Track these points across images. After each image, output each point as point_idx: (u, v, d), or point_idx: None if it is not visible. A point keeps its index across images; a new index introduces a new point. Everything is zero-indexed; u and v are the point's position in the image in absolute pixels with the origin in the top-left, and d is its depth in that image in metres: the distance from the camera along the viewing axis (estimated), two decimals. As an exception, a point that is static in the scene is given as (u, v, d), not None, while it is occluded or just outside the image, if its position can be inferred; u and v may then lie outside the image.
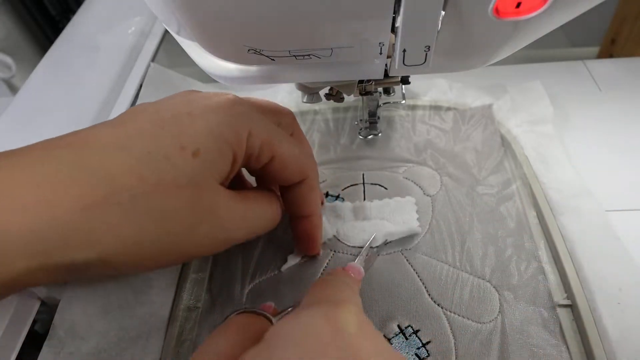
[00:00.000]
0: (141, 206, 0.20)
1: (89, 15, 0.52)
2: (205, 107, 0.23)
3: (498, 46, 0.21)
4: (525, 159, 0.36)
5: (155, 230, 0.21)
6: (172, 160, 0.21)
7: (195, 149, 0.22)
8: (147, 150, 0.21)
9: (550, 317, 0.27)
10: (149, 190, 0.20)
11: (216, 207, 0.23)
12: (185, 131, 0.22)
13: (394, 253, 0.31)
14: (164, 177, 0.21)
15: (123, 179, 0.20)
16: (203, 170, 0.22)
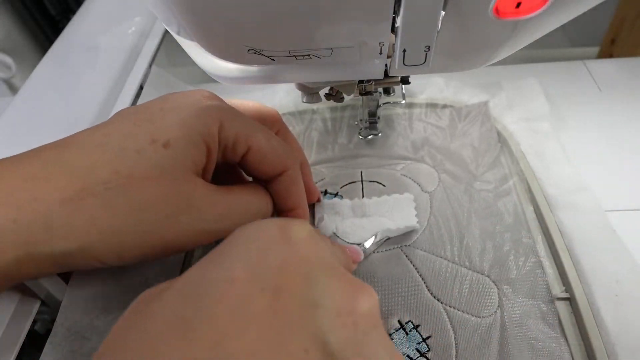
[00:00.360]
0: (116, 198, 0.22)
1: (89, 15, 0.52)
2: (178, 103, 0.25)
3: (498, 46, 0.21)
4: (522, 155, 0.36)
5: (132, 220, 0.22)
6: (144, 154, 0.22)
7: (166, 141, 0.23)
8: (121, 146, 0.22)
9: (549, 311, 0.27)
10: (123, 182, 0.22)
11: (192, 198, 0.23)
12: (157, 125, 0.23)
13: (393, 249, 0.31)
14: (136, 169, 0.22)
15: (98, 172, 0.22)
16: (174, 160, 0.23)
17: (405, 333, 0.27)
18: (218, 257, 0.19)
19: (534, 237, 0.31)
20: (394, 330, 0.27)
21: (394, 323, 0.27)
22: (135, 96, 0.42)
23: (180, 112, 0.24)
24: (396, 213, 0.32)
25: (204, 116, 0.24)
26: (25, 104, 0.42)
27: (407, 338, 0.27)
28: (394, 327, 0.27)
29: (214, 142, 0.24)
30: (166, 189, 0.23)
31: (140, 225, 0.22)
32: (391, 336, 0.27)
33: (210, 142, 0.24)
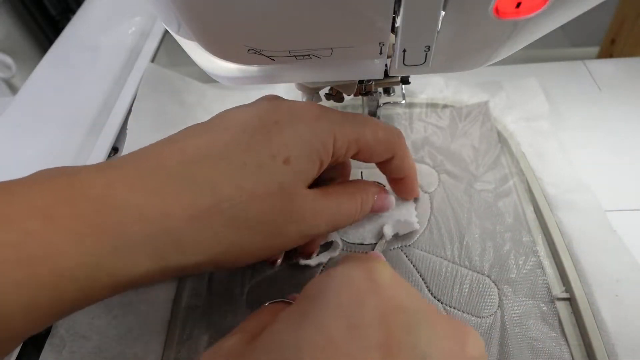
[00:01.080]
0: (239, 214, 0.22)
1: (89, 15, 0.52)
2: (292, 117, 0.25)
3: (498, 46, 0.21)
4: (522, 155, 0.36)
5: (251, 234, 0.23)
6: (265, 169, 0.23)
7: (286, 157, 0.23)
8: (243, 160, 0.23)
9: (549, 311, 0.27)
10: (246, 198, 0.22)
11: (302, 210, 0.24)
12: (275, 140, 0.23)
13: (394, 249, 0.31)
14: (258, 185, 0.23)
15: (224, 189, 0.22)
16: (293, 177, 0.24)
17: (405, 333, 0.27)
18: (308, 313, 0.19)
19: (534, 237, 0.31)
20: (394, 330, 0.27)
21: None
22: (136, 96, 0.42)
23: (296, 127, 0.24)
24: (396, 213, 0.32)
25: (320, 132, 0.25)
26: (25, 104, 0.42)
27: (407, 338, 0.27)
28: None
29: (327, 155, 0.25)
30: (282, 203, 0.23)
31: (256, 237, 0.23)
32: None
33: (324, 156, 0.25)
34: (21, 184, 0.20)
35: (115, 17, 0.51)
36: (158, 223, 0.21)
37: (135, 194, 0.21)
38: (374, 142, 0.27)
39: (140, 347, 0.27)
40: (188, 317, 0.29)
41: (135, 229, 0.20)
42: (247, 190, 0.22)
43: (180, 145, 0.23)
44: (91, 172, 0.21)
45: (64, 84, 0.44)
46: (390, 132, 0.28)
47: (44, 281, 0.18)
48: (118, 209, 0.20)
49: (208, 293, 0.30)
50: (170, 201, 0.21)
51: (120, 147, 0.37)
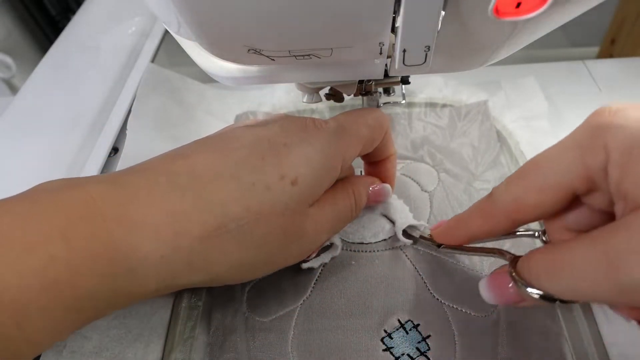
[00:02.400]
0: (246, 234, 0.23)
1: (89, 15, 0.52)
2: (301, 139, 0.25)
3: (498, 46, 0.21)
4: (521, 153, 0.36)
5: (256, 253, 0.23)
6: (273, 190, 0.23)
7: (294, 178, 0.24)
8: (252, 181, 0.23)
9: (549, 310, 0.28)
10: (252, 219, 0.23)
11: (305, 228, 0.25)
12: (284, 161, 0.24)
13: (393, 248, 0.31)
14: (265, 206, 0.23)
15: (233, 208, 0.22)
16: (299, 197, 0.24)
17: (405, 332, 0.27)
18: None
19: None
20: (393, 330, 0.27)
21: (393, 322, 0.27)
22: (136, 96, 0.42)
23: (306, 149, 0.25)
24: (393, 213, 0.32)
25: (329, 156, 0.25)
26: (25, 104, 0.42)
27: (407, 337, 0.27)
28: (394, 326, 0.27)
29: (335, 176, 0.26)
30: (286, 223, 0.24)
31: (260, 256, 0.24)
32: (391, 335, 0.27)
33: (333, 176, 0.26)
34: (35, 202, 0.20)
35: (115, 17, 0.51)
36: (171, 243, 0.21)
37: (149, 213, 0.21)
38: (370, 135, 0.28)
39: (141, 347, 0.27)
40: (188, 317, 0.29)
41: (150, 249, 0.21)
42: (254, 211, 0.23)
43: (191, 161, 0.23)
44: (103, 189, 0.21)
45: (64, 84, 0.44)
46: (374, 116, 0.28)
47: (67, 304, 0.19)
48: (133, 229, 0.20)
49: (208, 293, 0.30)
50: (183, 221, 0.21)
51: (120, 147, 0.37)
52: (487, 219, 0.24)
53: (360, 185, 0.29)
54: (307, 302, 0.29)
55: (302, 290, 0.29)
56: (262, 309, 0.29)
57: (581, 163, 0.21)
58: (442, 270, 0.30)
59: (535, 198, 0.21)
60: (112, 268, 0.20)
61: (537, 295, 0.20)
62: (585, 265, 0.18)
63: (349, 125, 0.27)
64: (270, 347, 0.27)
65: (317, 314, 0.28)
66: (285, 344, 0.27)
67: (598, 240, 0.18)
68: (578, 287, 0.18)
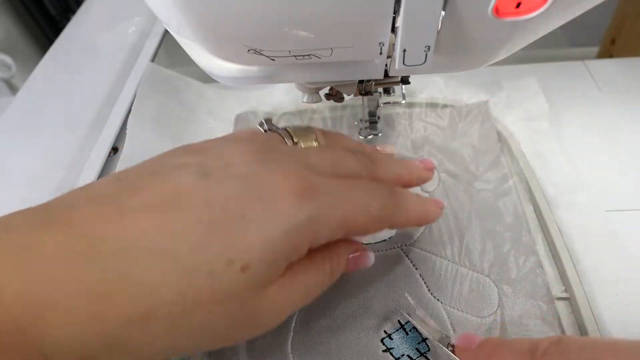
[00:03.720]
0: (180, 322, 0.19)
1: (89, 15, 0.53)
2: (264, 210, 0.20)
3: (498, 46, 0.21)
4: (522, 154, 0.36)
5: (191, 341, 0.20)
6: (216, 276, 0.19)
7: (245, 264, 0.20)
8: (191, 263, 0.19)
9: (549, 310, 0.27)
10: (188, 306, 0.19)
11: (259, 313, 0.21)
12: (236, 241, 0.20)
13: (393, 249, 0.31)
14: (204, 292, 0.19)
15: (164, 293, 0.19)
16: (249, 284, 0.20)
17: (405, 333, 0.27)
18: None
19: (533, 236, 0.31)
20: (393, 330, 0.27)
21: (394, 323, 0.27)
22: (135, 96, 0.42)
23: (265, 228, 0.20)
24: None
25: (295, 238, 0.21)
26: (25, 104, 0.42)
27: (407, 338, 0.27)
28: (394, 326, 0.27)
29: (299, 255, 0.22)
30: (233, 311, 0.20)
31: (200, 342, 0.21)
32: (391, 336, 0.27)
33: (294, 257, 0.22)
34: None
35: (115, 17, 0.51)
36: (88, 327, 0.18)
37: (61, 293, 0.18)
38: (364, 222, 0.23)
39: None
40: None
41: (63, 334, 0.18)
42: (189, 297, 0.19)
43: (122, 227, 0.19)
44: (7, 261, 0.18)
45: (64, 84, 0.44)
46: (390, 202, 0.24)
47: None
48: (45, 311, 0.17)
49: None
50: (102, 304, 0.18)
51: (120, 147, 0.37)
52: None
53: (340, 256, 0.25)
54: (306, 302, 0.29)
55: None
56: (262, 309, 0.29)
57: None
58: (442, 271, 0.30)
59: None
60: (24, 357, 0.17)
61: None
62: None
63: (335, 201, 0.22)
64: (270, 348, 0.27)
65: (317, 314, 0.28)
66: (285, 344, 0.27)
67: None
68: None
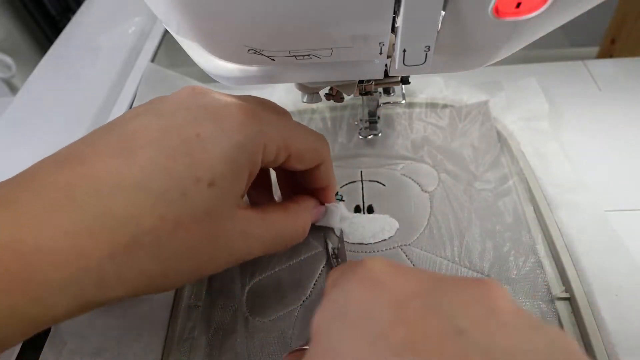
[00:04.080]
0: (164, 246, 0.21)
1: (89, 15, 0.53)
2: (215, 128, 0.22)
3: (498, 46, 0.21)
4: (522, 154, 0.36)
5: (178, 264, 0.22)
6: (189, 196, 0.21)
7: (211, 180, 0.21)
8: (164, 188, 0.21)
9: (549, 310, 0.28)
10: (169, 229, 0.21)
11: (232, 234, 0.23)
12: (198, 160, 0.21)
13: (393, 249, 0.31)
14: (183, 214, 0.21)
15: (144, 221, 0.20)
16: (219, 199, 0.22)
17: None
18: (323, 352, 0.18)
19: (533, 236, 0.31)
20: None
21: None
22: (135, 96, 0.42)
23: (221, 142, 0.22)
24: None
25: (247, 144, 0.23)
26: (25, 104, 0.42)
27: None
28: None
29: (256, 167, 0.24)
30: (211, 230, 0.22)
31: (182, 267, 0.22)
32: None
33: (253, 168, 0.23)
34: None
35: (115, 17, 0.51)
36: (75, 265, 0.19)
37: (45, 236, 0.19)
38: (304, 147, 0.26)
39: (140, 347, 0.27)
40: (188, 316, 0.29)
41: (51, 274, 0.19)
42: (170, 221, 0.21)
43: (89, 169, 0.20)
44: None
45: (64, 84, 0.44)
46: (318, 138, 0.27)
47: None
48: (28, 255, 0.18)
49: (208, 293, 0.30)
50: (88, 241, 0.19)
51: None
52: None
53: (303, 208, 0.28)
54: (307, 302, 0.29)
55: (302, 290, 0.29)
56: (262, 309, 0.29)
57: None
58: (443, 271, 0.30)
59: None
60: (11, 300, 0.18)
61: None
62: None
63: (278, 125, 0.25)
64: (269, 348, 0.27)
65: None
66: (285, 344, 0.27)
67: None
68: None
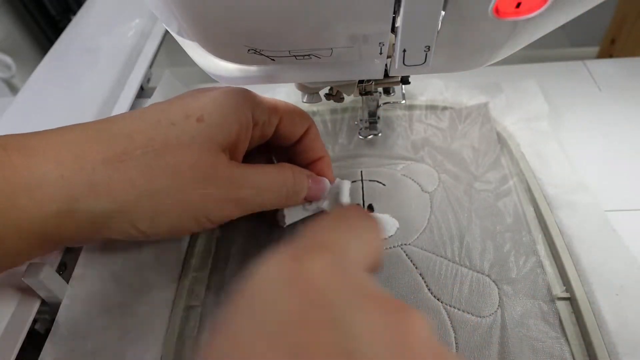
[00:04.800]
0: (152, 162, 0.23)
1: (89, 16, 0.53)
2: (208, 89, 0.27)
3: (498, 46, 0.21)
4: (522, 155, 0.36)
5: (165, 183, 0.24)
6: (178, 125, 0.24)
7: (199, 116, 0.25)
8: (157, 118, 0.24)
9: (550, 310, 0.27)
10: (158, 147, 0.24)
11: (219, 168, 0.25)
12: (190, 103, 0.25)
13: (393, 248, 0.31)
14: (170, 138, 0.24)
15: (136, 138, 0.23)
16: (206, 133, 0.25)
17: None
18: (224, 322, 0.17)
19: (534, 237, 0.31)
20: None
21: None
22: (135, 97, 0.42)
23: (212, 93, 0.26)
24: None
25: (235, 95, 0.26)
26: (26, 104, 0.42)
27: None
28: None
29: (246, 119, 0.26)
30: (196, 157, 0.24)
31: (173, 189, 0.24)
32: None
33: (242, 119, 0.26)
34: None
35: (115, 18, 0.51)
36: (71, 164, 0.22)
37: (50, 141, 0.23)
38: (291, 109, 0.29)
39: (139, 347, 0.27)
40: (188, 316, 0.29)
41: (48, 168, 0.22)
42: (158, 141, 0.24)
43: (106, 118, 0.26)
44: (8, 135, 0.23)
45: (64, 84, 0.44)
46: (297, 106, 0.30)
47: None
48: (32, 153, 0.22)
49: (207, 293, 0.30)
50: (85, 147, 0.23)
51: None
52: None
53: (300, 170, 0.29)
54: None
55: None
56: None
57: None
58: (442, 271, 0.30)
59: None
60: (10, 186, 0.21)
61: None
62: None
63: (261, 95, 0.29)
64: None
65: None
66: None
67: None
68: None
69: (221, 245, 0.33)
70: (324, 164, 0.32)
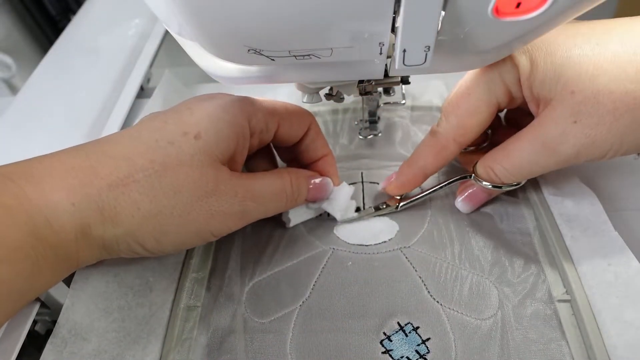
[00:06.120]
0: (154, 183, 0.24)
1: (89, 16, 0.53)
2: (203, 102, 0.27)
3: (498, 46, 0.21)
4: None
5: (168, 203, 0.24)
6: (176, 145, 0.25)
7: (197, 133, 0.25)
8: (154, 138, 0.25)
9: (550, 312, 0.27)
10: (158, 169, 0.24)
11: (218, 182, 0.25)
12: (187, 120, 0.26)
13: (393, 251, 0.31)
14: (170, 158, 0.24)
15: (137, 161, 0.24)
16: (204, 149, 0.25)
17: (405, 335, 0.27)
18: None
19: (534, 238, 0.31)
20: (393, 332, 0.27)
21: (393, 324, 0.27)
22: (135, 97, 0.42)
23: (207, 108, 0.26)
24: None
25: (231, 109, 0.26)
26: (26, 104, 0.42)
27: (407, 340, 0.27)
28: (394, 328, 0.27)
29: (243, 131, 0.27)
30: (197, 174, 0.25)
31: (176, 209, 0.24)
32: (390, 338, 0.27)
33: (240, 131, 0.26)
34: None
35: (115, 18, 0.51)
36: (79, 191, 0.23)
37: (54, 168, 0.23)
38: (291, 110, 0.29)
39: (139, 348, 0.27)
40: (187, 317, 0.29)
41: (60, 197, 0.22)
42: (158, 162, 0.24)
43: (101, 138, 0.26)
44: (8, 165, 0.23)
45: (64, 84, 0.44)
46: (299, 107, 0.31)
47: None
48: (41, 181, 0.22)
49: (207, 293, 0.30)
50: (89, 173, 0.23)
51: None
52: (438, 152, 0.30)
53: (298, 174, 0.30)
54: (306, 303, 0.29)
55: (301, 291, 0.29)
56: (261, 310, 0.29)
57: (501, 81, 0.27)
58: (442, 273, 0.30)
59: (474, 118, 0.28)
60: (30, 218, 0.21)
61: (489, 185, 0.29)
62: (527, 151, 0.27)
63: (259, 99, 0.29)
64: (268, 349, 0.27)
65: (316, 315, 0.28)
66: (284, 345, 0.27)
67: (532, 134, 0.27)
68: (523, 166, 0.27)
69: (221, 245, 0.33)
70: (326, 162, 0.32)
